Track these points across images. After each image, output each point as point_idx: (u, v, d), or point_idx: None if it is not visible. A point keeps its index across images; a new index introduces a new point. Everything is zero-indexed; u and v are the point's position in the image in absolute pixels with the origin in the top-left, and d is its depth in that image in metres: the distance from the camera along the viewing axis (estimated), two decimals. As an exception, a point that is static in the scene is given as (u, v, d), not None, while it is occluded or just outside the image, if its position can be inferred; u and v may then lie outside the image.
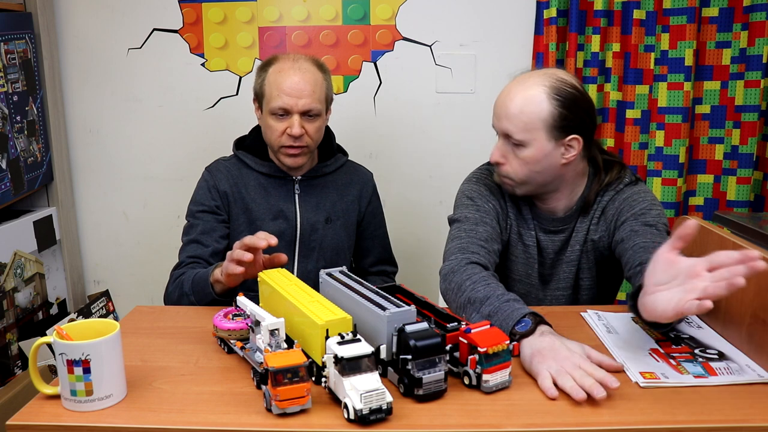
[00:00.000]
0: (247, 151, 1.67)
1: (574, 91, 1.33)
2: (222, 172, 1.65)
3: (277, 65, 1.58)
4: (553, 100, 1.30)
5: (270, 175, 1.65)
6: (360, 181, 1.75)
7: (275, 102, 1.54)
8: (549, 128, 1.31)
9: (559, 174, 1.38)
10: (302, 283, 1.13)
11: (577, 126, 1.33)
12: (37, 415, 0.93)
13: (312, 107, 1.56)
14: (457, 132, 2.28)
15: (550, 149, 1.33)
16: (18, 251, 2.05)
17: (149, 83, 2.28)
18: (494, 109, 1.38)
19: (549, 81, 1.32)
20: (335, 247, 1.69)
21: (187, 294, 1.44)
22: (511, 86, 1.36)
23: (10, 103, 1.99)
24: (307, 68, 1.57)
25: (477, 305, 1.16)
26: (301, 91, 1.54)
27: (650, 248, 1.24)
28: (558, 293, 1.48)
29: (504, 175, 1.39)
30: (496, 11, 2.20)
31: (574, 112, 1.32)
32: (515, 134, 1.33)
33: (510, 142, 1.35)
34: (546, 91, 1.31)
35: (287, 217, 1.64)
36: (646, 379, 0.99)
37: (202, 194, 1.63)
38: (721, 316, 1.17)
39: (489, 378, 0.96)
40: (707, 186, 2.23)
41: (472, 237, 1.35)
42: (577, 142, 1.34)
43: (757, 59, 2.05)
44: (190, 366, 1.08)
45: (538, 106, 1.31)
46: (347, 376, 0.89)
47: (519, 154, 1.35)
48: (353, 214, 1.72)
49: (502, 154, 1.38)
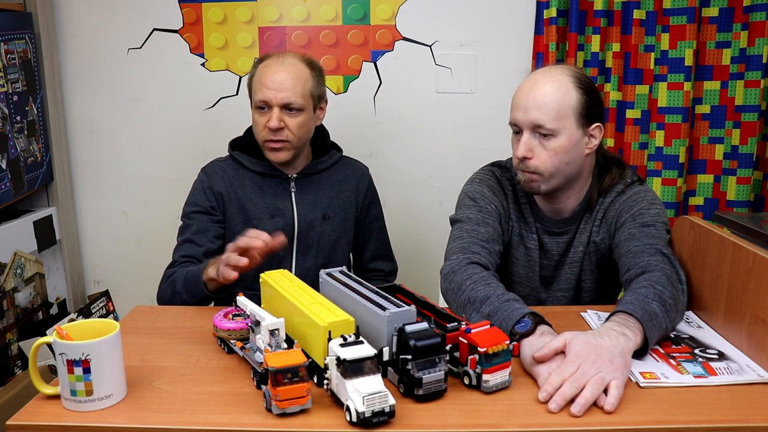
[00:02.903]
0: (242, 151, 1.68)
1: (591, 81, 1.36)
2: (217, 172, 1.66)
3: (265, 62, 1.60)
4: (578, 88, 1.32)
5: (265, 174, 1.65)
6: (356, 176, 1.75)
7: (257, 95, 1.57)
8: (578, 116, 1.32)
9: (581, 166, 1.38)
10: (304, 284, 1.13)
11: (598, 114, 1.35)
12: (37, 415, 0.93)
13: (292, 101, 1.56)
14: (457, 132, 2.28)
15: (578, 138, 1.34)
16: (18, 251, 2.05)
17: (149, 83, 2.28)
18: (518, 103, 1.35)
19: (569, 71, 1.34)
20: (333, 244, 1.69)
21: (179, 292, 1.44)
22: (535, 78, 1.35)
23: (10, 103, 1.99)
24: (292, 63, 1.59)
25: (477, 305, 1.16)
26: (281, 83, 1.55)
27: (642, 253, 1.24)
28: (560, 294, 1.48)
29: (532, 170, 1.35)
30: (496, 11, 2.20)
31: (595, 100, 1.34)
32: (547, 123, 1.30)
33: (538, 133, 1.33)
34: (572, 80, 1.32)
35: (284, 215, 1.64)
36: (646, 379, 0.99)
37: (197, 195, 1.64)
38: (721, 316, 1.17)
39: (489, 378, 0.96)
40: (707, 186, 2.23)
41: (473, 237, 1.35)
42: (599, 130, 1.36)
43: (757, 59, 2.05)
44: (190, 366, 1.08)
45: (567, 93, 1.31)
46: (350, 379, 0.88)
47: (549, 145, 1.32)
48: (350, 209, 1.72)
49: (529, 148, 1.34)
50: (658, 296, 1.11)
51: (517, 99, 1.35)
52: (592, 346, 0.98)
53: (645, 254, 1.24)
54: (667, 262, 1.22)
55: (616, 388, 0.92)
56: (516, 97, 1.36)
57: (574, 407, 0.90)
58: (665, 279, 1.15)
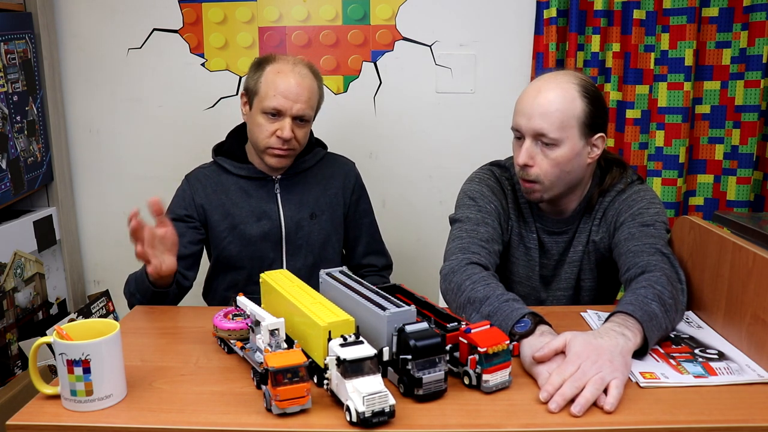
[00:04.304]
0: (225, 156, 1.67)
1: (597, 89, 1.34)
2: (201, 180, 1.66)
3: (275, 65, 1.58)
4: (583, 98, 1.30)
5: (250, 177, 1.65)
6: (342, 173, 1.74)
7: (270, 102, 1.55)
8: (582, 126, 1.30)
9: (583, 174, 1.37)
10: (304, 284, 1.13)
11: (602, 124, 1.34)
12: (37, 415, 0.93)
13: (305, 113, 1.58)
14: (457, 132, 2.28)
15: (580, 148, 1.32)
16: (18, 251, 2.05)
17: (149, 83, 2.28)
18: (521, 109, 1.32)
19: (576, 79, 1.32)
20: (323, 242, 1.69)
21: (133, 293, 1.47)
22: (540, 84, 1.32)
23: (10, 103, 1.99)
24: (306, 74, 1.59)
25: (477, 305, 1.16)
26: (298, 95, 1.55)
27: (641, 253, 1.24)
28: (559, 294, 1.48)
29: (533, 178, 1.33)
30: (496, 11, 2.20)
31: (599, 110, 1.33)
32: (550, 133, 1.29)
33: (540, 141, 1.31)
34: (577, 89, 1.30)
35: (270, 218, 1.64)
36: (646, 379, 0.99)
37: (176, 202, 1.65)
38: (721, 316, 1.17)
39: (489, 378, 0.96)
40: (707, 186, 2.23)
41: (473, 237, 1.35)
42: (602, 140, 1.35)
43: (757, 59, 2.05)
44: (190, 366, 1.08)
45: (572, 102, 1.29)
46: (349, 379, 0.88)
47: (550, 155, 1.31)
48: (338, 206, 1.72)
49: (530, 155, 1.32)
50: (658, 296, 1.11)
51: (520, 104, 1.33)
52: (592, 346, 0.98)
53: (645, 254, 1.24)
54: (666, 261, 1.22)
55: (616, 388, 0.92)
56: (520, 102, 1.34)
57: (574, 407, 0.90)
58: (665, 279, 1.15)
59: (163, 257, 1.34)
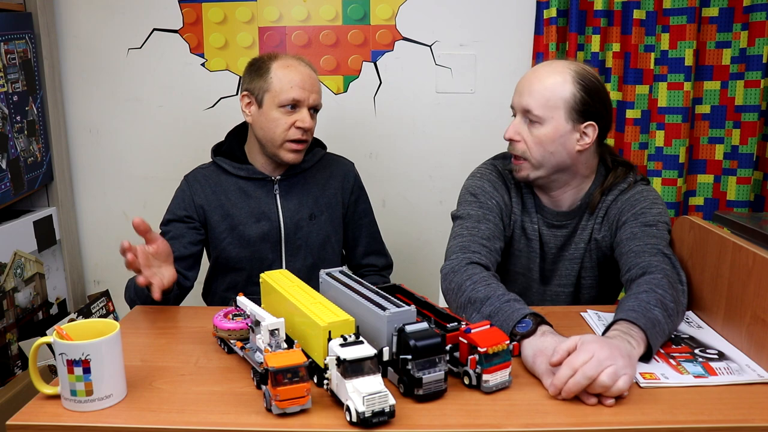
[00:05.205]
0: (224, 157, 1.68)
1: (596, 81, 1.37)
2: (200, 181, 1.66)
3: (281, 61, 1.59)
4: (576, 84, 1.33)
5: (249, 178, 1.65)
6: (341, 173, 1.74)
7: (288, 94, 1.55)
8: (568, 109, 1.33)
9: (572, 162, 1.38)
10: (304, 284, 1.13)
11: (594, 114, 1.35)
12: (37, 415, 0.93)
13: (319, 103, 1.61)
14: (457, 132, 2.28)
15: (566, 131, 1.34)
16: (18, 251, 2.05)
17: (149, 83, 2.28)
18: (517, 87, 1.40)
19: (575, 66, 1.36)
20: (322, 243, 1.69)
21: (133, 299, 1.47)
22: (538, 66, 1.40)
23: (10, 103, 1.99)
24: (310, 67, 1.62)
25: (477, 305, 1.16)
26: (312, 86, 1.59)
27: (643, 253, 1.24)
28: (559, 290, 1.48)
29: (519, 153, 1.38)
30: (496, 11, 2.20)
31: (594, 100, 1.35)
32: (535, 110, 1.34)
33: (527, 118, 1.36)
34: (571, 74, 1.34)
35: (269, 219, 1.64)
36: (646, 379, 1.00)
37: (175, 204, 1.65)
38: (721, 316, 1.17)
39: (489, 378, 0.96)
40: (707, 186, 2.23)
41: (474, 235, 1.35)
42: (592, 129, 1.35)
43: (757, 59, 2.05)
44: (190, 366, 1.08)
45: (562, 85, 1.33)
46: (349, 379, 0.88)
47: (534, 132, 1.35)
48: (337, 206, 1.72)
49: (516, 131, 1.38)
50: (660, 301, 1.10)
51: (518, 84, 1.40)
52: (605, 341, 0.98)
53: (646, 254, 1.24)
54: (668, 262, 1.22)
55: (624, 383, 0.92)
56: (519, 82, 1.41)
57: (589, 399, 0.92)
58: (666, 282, 1.16)
59: (161, 272, 1.34)
